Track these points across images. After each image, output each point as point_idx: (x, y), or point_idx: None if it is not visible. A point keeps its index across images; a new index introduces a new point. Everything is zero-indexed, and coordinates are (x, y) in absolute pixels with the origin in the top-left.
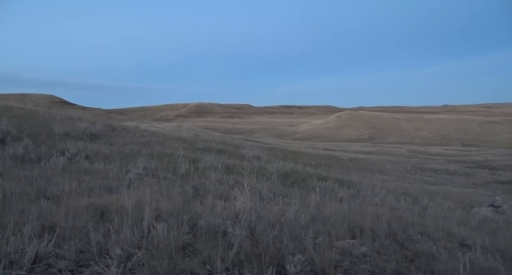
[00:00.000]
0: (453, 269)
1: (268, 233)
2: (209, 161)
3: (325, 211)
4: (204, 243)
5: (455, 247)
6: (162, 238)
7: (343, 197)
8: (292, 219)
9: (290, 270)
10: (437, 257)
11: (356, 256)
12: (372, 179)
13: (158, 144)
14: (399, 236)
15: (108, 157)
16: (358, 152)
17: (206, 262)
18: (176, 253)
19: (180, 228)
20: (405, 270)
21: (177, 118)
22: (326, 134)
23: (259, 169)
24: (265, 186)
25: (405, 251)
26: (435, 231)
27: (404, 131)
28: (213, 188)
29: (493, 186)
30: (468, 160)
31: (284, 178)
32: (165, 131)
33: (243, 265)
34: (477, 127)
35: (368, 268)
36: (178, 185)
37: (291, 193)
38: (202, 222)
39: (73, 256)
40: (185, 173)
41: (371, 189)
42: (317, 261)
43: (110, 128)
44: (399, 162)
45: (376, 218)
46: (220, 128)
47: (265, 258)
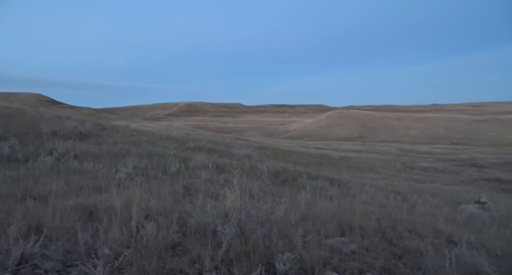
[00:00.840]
0: (440, 265)
1: (258, 231)
2: (200, 160)
3: (315, 209)
4: (193, 242)
5: (442, 243)
6: (151, 237)
7: (333, 195)
8: (282, 217)
9: (279, 268)
10: (424, 254)
11: (345, 253)
12: (362, 177)
13: (149, 143)
14: (387, 233)
15: (97, 157)
16: (348, 151)
17: (195, 261)
18: (165, 252)
19: (170, 227)
20: (393, 266)
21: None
22: (317, 133)
23: (250, 167)
24: (255, 185)
25: (394, 248)
26: (423, 228)
27: (394, 130)
28: (203, 187)
29: (480, 184)
30: (456, 158)
31: (274, 177)
32: (156, 131)
33: (233, 263)
34: (465, 126)
35: (357, 265)
36: (168, 184)
37: (282, 192)
38: (192, 221)
39: (60, 257)
40: (175, 172)
41: (361, 187)
42: (307, 259)
43: (99, 127)
44: (389, 160)
45: (365, 215)
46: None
47: (254, 256)
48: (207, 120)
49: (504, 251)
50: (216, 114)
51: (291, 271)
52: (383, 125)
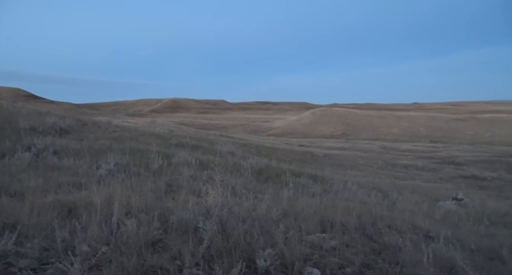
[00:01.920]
0: (417, 260)
1: (239, 228)
2: (183, 156)
3: (297, 206)
4: (174, 238)
5: (420, 239)
6: (132, 234)
7: (316, 192)
8: (264, 214)
9: (260, 264)
10: (403, 249)
11: (326, 249)
12: (344, 175)
13: (131, 139)
14: (368, 229)
15: (78, 153)
16: (332, 148)
17: (176, 258)
18: (146, 249)
19: (151, 224)
20: (372, 262)
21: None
22: (301, 130)
23: (233, 164)
24: (239, 182)
25: (373, 244)
26: (402, 224)
27: (376, 128)
28: (186, 184)
29: (458, 181)
30: (436, 155)
31: (258, 174)
32: (139, 127)
33: (214, 260)
34: (444, 125)
35: (337, 261)
36: (150, 180)
37: (265, 189)
38: (174, 218)
39: (36, 254)
40: (158, 169)
41: (343, 184)
42: (287, 255)
43: (80, 123)
44: (371, 157)
45: (346, 212)
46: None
47: (235, 253)
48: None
49: (478, 246)
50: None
51: (271, 267)
52: (365, 123)
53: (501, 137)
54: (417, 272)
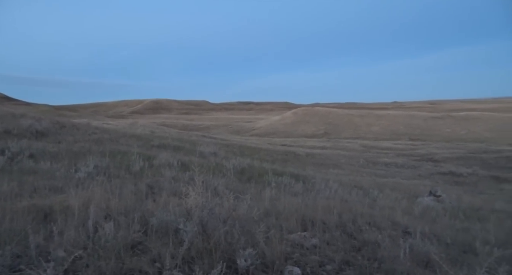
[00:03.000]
0: (395, 255)
1: (220, 228)
2: (165, 158)
3: (279, 206)
4: (155, 240)
5: (398, 235)
6: (110, 238)
7: (298, 191)
8: (245, 214)
9: (240, 264)
10: (381, 245)
11: (307, 247)
12: (326, 173)
13: (111, 141)
14: (348, 227)
15: (55, 156)
16: (314, 147)
17: (156, 260)
18: (125, 252)
19: (131, 227)
20: (352, 258)
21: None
22: (283, 130)
23: (215, 165)
24: (221, 182)
25: (353, 241)
26: (381, 221)
27: (357, 127)
28: (167, 185)
29: (436, 177)
30: (415, 153)
31: (240, 174)
32: (119, 129)
33: (194, 261)
34: (422, 123)
35: (317, 258)
36: (131, 183)
37: (247, 189)
38: (154, 220)
39: (8, 262)
40: (139, 171)
41: (325, 183)
42: (268, 254)
43: (58, 125)
44: (353, 156)
45: (327, 210)
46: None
47: (216, 253)
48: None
49: (453, 239)
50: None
51: (252, 267)
52: (347, 122)
53: (475, 134)
54: (395, 267)
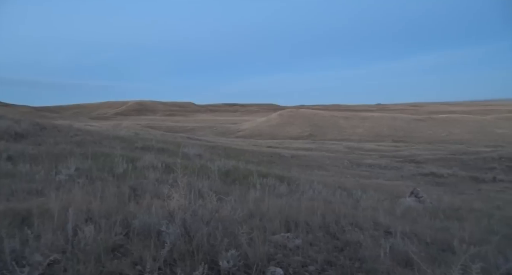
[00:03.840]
0: (377, 255)
1: (203, 230)
2: (149, 160)
3: (263, 207)
4: (136, 243)
5: (380, 235)
6: (90, 241)
7: (283, 192)
8: (228, 215)
9: (222, 265)
10: (363, 245)
11: (290, 248)
12: (311, 175)
13: (94, 143)
14: (331, 227)
15: (35, 158)
16: (299, 149)
17: (137, 263)
18: (105, 255)
19: (112, 229)
20: (335, 259)
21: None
22: (269, 132)
23: (200, 167)
24: (205, 184)
25: (336, 242)
26: (364, 221)
27: (342, 128)
28: (151, 188)
29: (418, 178)
30: (398, 154)
31: (225, 176)
32: (102, 130)
33: (176, 263)
34: (405, 125)
35: (300, 259)
36: (114, 185)
37: (232, 190)
38: (136, 222)
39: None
40: (122, 173)
41: (309, 184)
42: (251, 256)
43: (38, 127)
44: (337, 157)
45: (311, 211)
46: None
47: (198, 255)
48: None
49: (433, 238)
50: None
51: (234, 268)
52: (332, 124)
53: (456, 136)
54: (376, 267)
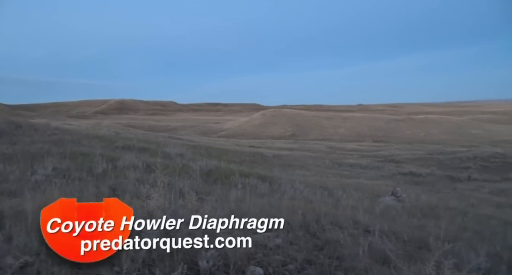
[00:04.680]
0: (355, 253)
1: (183, 230)
2: (129, 159)
3: (244, 206)
4: None
5: (360, 233)
6: None
7: (264, 192)
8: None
9: (202, 265)
10: (343, 244)
11: (270, 248)
12: (293, 174)
13: (73, 142)
14: (312, 226)
15: (10, 158)
16: (281, 149)
17: (114, 264)
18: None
19: None
20: (314, 257)
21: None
22: (251, 131)
23: (182, 166)
24: (186, 184)
25: (316, 240)
26: (344, 220)
27: (324, 128)
28: (131, 188)
29: (397, 177)
30: (378, 154)
31: (207, 175)
32: (82, 129)
33: (155, 263)
34: (385, 125)
35: (280, 258)
36: (93, 185)
37: (214, 190)
38: None
39: None
40: (101, 173)
41: (291, 183)
42: (231, 255)
43: (13, 125)
44: (319, 157)
45: (292, 211)
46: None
47: (178, 255)
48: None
49: (410, 236)
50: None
51: (214, 268)
52: (314, 124)
53: (433, 136)
54: (354, 265)
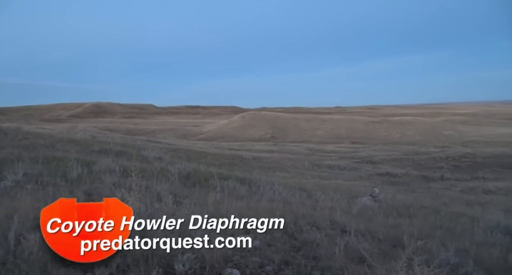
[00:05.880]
0: (332, 253)
1: (159, 233)
2: (106, 163)
3: (222, 209)
4: None
5: (337, 233)
6: (35, 249)
7: (243, 194)
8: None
9: (178, 269)
10: (320, 244)
11: (247, 250)
12: (272, 176)
13: (46, 147)
14: (290, 228)
15: None
16: (261, 151)
17: (87, 270)
18: (53, 263)
19: None
20: (292, 258)
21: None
22: (231, 134)
23: (160, 170)
24: (164, 187)
25: (294, 242)
26: (322, 221)
27: (303, 130)
28: (107, 192)
29: (375, 178)
30: (356, 156)
31: (186, 179)
32: (56, 133)
33: (130, 268)
34: (362, 127)
35: (257, 260)
36: (67, 190)
37: (192, 193)
38: None
39: None
40: (76, 178)
41: (270, 185)
42: (208, 258)
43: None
44: (298, 159)
45: (270, 212)
46: (121, 129)
47: (153, 260)
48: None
49: (385, 235)
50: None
51: (190, 271)
52: (293, 126)
53: (408, 137)
54: (331, 264)
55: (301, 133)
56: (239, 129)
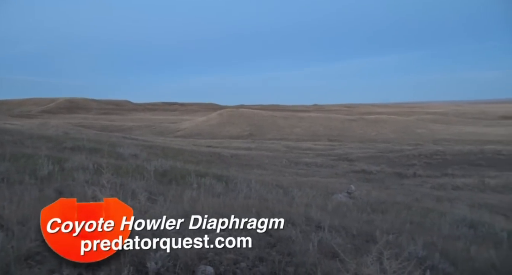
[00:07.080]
0: (306, 248)
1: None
2: (79, 160)
3: (198, 206)
4: None
5: (311, 229)
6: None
7: (220, 191)
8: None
9: (150, 267)
10: (295, 240)
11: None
12: (250, 174)
13: (14, 143)
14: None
15: None
16: (239, 148)
17: (54, 270)
18: (16, 264)
19: (27, 236)
20: (266, 255)
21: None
22: (209, 131)
23: (135, 167)
24: (139, 185)
25: (269, 238)
26: (297, 217)
27: (281, 128)
28: (79, 190)
29: (351, 175)
30: (333, 153)
31: (162, 176)
32: (25, 129)
33: (100, 267)
34: (339, 124)
35: (232, 256)
36: (36, 188)
37: (168, 191)
38: None
39: None
40: (47, 175)
41: (247, 183)
42: (182, 256)
43: None
44: (276, 156)
45: (246, 209)
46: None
47: (125, 258)
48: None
49: (359, 231)
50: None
51: (163, 269)
52: (271, 124)
53: (383, 135)
54: (305, 260)
55: (279, 131)
56: (217, 126)
